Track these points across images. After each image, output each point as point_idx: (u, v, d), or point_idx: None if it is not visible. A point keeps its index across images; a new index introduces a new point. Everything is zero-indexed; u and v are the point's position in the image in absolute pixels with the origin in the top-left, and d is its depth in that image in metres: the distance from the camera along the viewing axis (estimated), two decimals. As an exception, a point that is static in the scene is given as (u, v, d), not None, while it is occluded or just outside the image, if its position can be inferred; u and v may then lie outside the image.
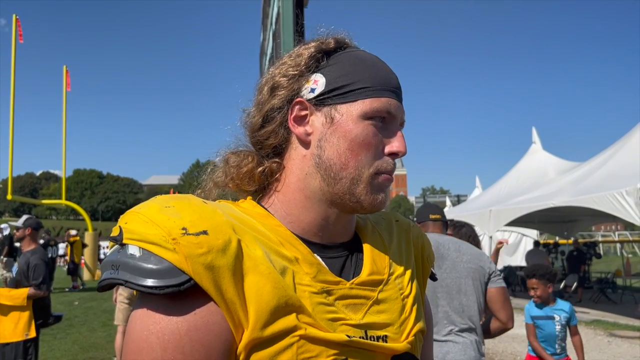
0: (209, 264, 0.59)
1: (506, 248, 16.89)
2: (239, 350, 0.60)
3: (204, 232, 0.60)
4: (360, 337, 0.68)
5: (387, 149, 0.74)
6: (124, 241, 0.61)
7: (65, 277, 15.01)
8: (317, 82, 0.75)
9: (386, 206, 0.78)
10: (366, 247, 0.79)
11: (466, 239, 3.45)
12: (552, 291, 3.69)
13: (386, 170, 0.74)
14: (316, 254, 0.72)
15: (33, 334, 4.08)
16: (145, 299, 0.61)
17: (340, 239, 0.78)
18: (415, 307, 0.78)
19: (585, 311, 9.99)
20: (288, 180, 0.76)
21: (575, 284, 12.23)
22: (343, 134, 0.72)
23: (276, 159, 0.77)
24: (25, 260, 4.21)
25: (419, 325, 0.77)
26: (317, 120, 0.74)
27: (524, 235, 16.73)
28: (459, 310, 2.40)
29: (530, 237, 16.11)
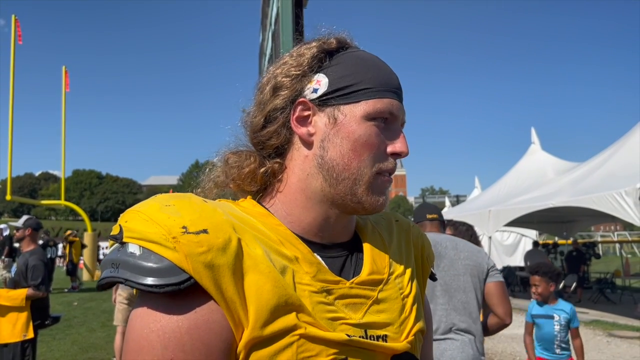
0: (209, 262, 0.59)
1: (505, 248, 16.92)
2: (239, 349, 0.60)
3: (204, 231, 0.60)
4: (360, 337, 0.68)
5: (389, 149, 0.74)
6: (124, 240, 0.61)
7: (65, 277, 15.00)
8: (320, 83, 0.75)
9: (386, 207, 0.78)
10: (366, 246, 0.79)
11: (468, 239, 3.47)
12: (553, 290, 3.65)
13: (388, 170, 0.74)
14: (316, 254, 0.72)
15: (31, 335, 4.07)
16: (145, 297, 0.61)
17: (341, 239, 0.78)
18: (415, 307, 0.78)
19: (585, 311, 10.00)
20: (289, 180, 0.76)
21: (575, 284, 12.24)
22: (346, 134, 0.72)
23: (278, 160, 0.77)
24: (24, 261, 4.21)
25: (419, 324, 0.77)
26: (320, 120, 0.74)
27: (523, 235, 16.73)
28: (458, 308, 2.40)
29: (530, 238, 16.11)
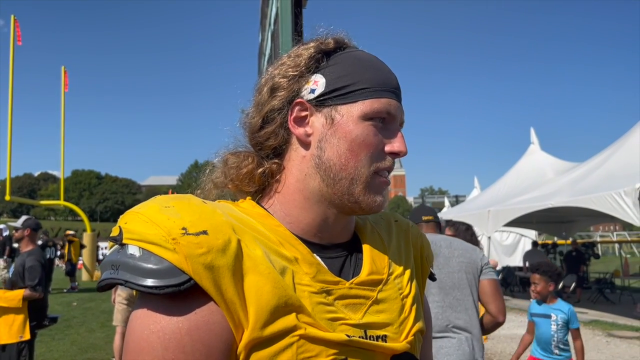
0: (208, 263, 0.59)
1: (505, 248, 16.93)
2: (239, 349, 0.61)
3: (204, 232, 0.60)
4: (359, 337, 0.68)
5: (387, 148, 0.75)
6: (124, 241, 0.61)
7: (64, 277, 14.99)
8: (317, 83, 0.75)
9: (384, 209, 0.78)
10: (365, 247, 0.79)
11: (468, 238, 3.51)
12: (553, 290, 3.61)
13: (385, 167, 0.75)
14: (315, 254, 0.72)
15: (27, 336, 4.04)
16: (145, 299, 0.61)
17: (340, 239, 0.78)
18: (414, 307, 0.78)
19: (584, 311, 10.01)
20: (287, 181, 0.76)
21: (574, 285, 12.25)
22: (343, 134, 0.72)
23: (276, 160, 0.77)
24: (21, 261, 4.19)
25: (418, 325, 0.77)
26: (317, 121, 0.74)
27: (522, 235, 16.75)
28: (454, 305, 2.41)
29: (529, 238, 16.13)
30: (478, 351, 2.41)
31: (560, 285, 12.07)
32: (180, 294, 0.58)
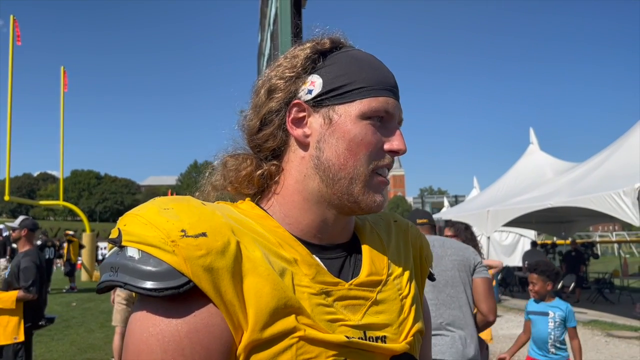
0: (208, 265, 0.59)
1: (504, 248, 16.93)
2: (238, 351, 0.61)
3: (203, 234, 0.60)
4: (359, 338, 0.68)
5: (386, 146, 0.75)
6: (123, 243, 0.61)
7: (63, 278, 14.98)
8: (314, 84, 0.75)
9: (384, 209, 0.78)
10: (365, 247, 0.79)
11: (467, 238, 3.53)
12: (551, 289, 3.60)
13: (385, 165, 0.75)
14: (315, 255, 0.72)
15: (21, 338, 4.02)
16: (144, 301, 0.61)
17: (339, 240, 0.78)
18: (414, 308, 0.78)
19: (583, 311, 10.01)
20: (286, 182, 0.76)
21: (573, 285, 12.26)
22: (342, 134, 0.72)
23: (275, 162, 0.77)
24: (16, 262, 4.18)
25: (418, 325, 0.77)
26: (315, 121, 0.74)
27: (521, 235, 16.75)
28: (447, 303, 2.44)
29: (528, 238, 16.13)
30: (473, 348, 2.41)
31: (560, 285, 12.09)
32: (179, 296, 0.58)
